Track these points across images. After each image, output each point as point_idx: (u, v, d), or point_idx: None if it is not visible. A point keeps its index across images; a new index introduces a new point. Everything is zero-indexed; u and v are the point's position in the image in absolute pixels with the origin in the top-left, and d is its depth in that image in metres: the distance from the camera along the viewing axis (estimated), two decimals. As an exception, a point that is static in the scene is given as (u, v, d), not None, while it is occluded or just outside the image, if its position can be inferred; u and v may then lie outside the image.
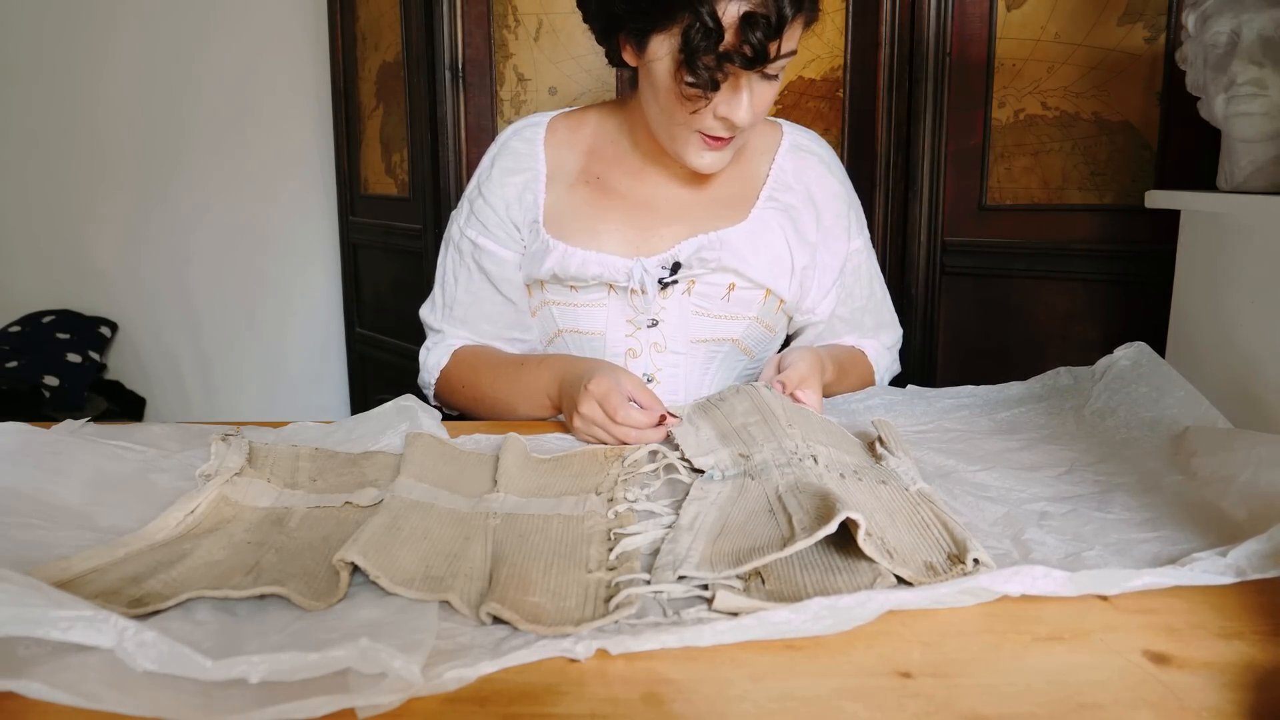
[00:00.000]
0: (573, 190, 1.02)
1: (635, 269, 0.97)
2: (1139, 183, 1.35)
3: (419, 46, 1.80)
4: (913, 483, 0.65)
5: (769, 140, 1.05)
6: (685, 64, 0.84)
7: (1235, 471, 0.66)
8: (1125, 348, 0.90)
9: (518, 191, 1.02)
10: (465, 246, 1.04)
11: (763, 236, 0.99)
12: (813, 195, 1.03)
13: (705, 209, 1.00)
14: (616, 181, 1.02)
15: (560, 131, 1.05)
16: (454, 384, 1.04)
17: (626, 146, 1.03)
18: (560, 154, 1.04)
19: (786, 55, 0.85)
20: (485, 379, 1.01)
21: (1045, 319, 1.46)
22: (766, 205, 1.01)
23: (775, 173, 1.03)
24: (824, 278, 1.03)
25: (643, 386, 0.84)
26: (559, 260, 0.98)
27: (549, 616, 0.49)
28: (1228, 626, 0.49)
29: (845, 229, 1.05)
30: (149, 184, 2.45)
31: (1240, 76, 0.99)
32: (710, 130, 0.90)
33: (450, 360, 1.05)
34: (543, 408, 0.95)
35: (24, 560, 0.54)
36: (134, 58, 2.38)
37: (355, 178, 2.24)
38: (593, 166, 1.03)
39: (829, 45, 1.55)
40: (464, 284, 1.05)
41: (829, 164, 1.06)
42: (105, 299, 2.50)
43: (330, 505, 0.67)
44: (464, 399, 1.04)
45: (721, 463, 0.71)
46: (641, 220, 1.00)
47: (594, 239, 0.98)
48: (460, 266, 1.05)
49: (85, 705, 0.40)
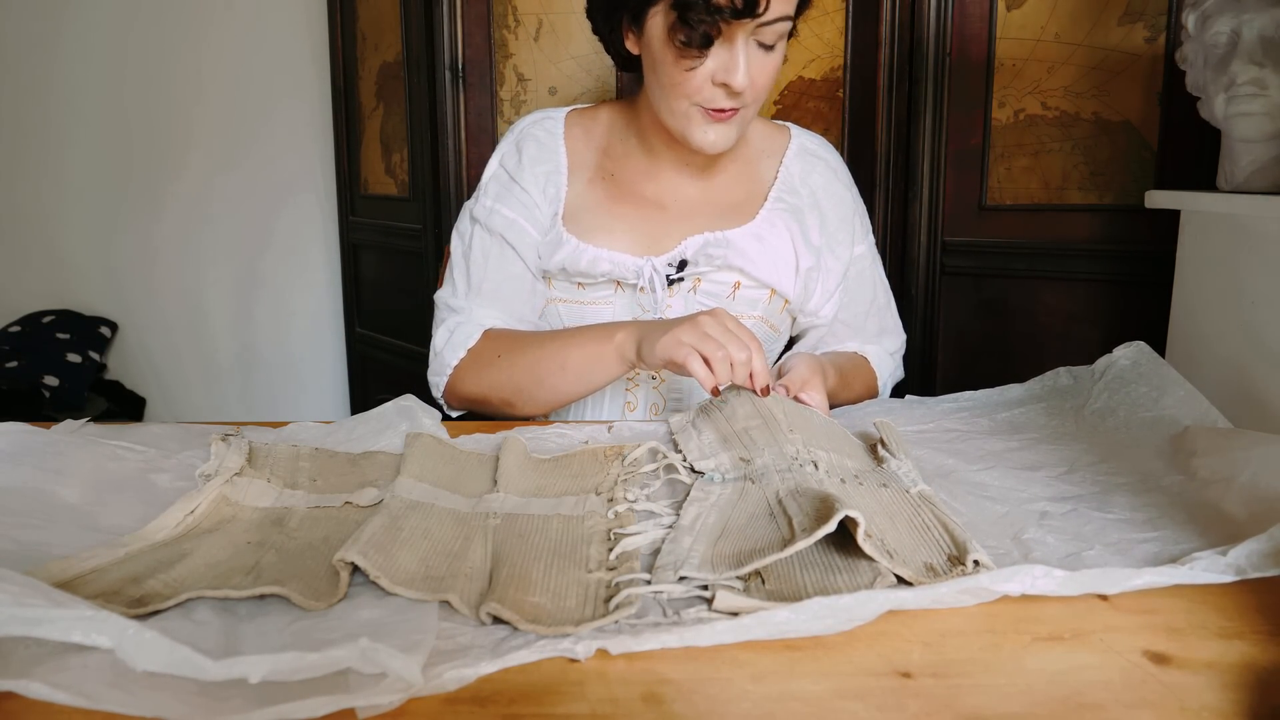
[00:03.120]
0: (590, 186, 1.02)
1: (645, 267, 0.97)
2: (1139, 183, 1.35)
3: (419, 46, 1.80)
4: (914, 485, 0.65)
5: (777, 143, 1.06)
6: (679, 20, 0.84)
7: (1235, 471, 0.66)
8: (1125, 347, 0.90)
9: (543, 181, 1.02)
10: (497, 223, 1.01)
11: (768, 237, 0.99)
12: (818, 199, 1.04)
13: (713, 210, 1.01)
14: (629, 180, 1.03)
15: (576, 127, 1.05)
16: (486, 358, 0.98)
17: (635, 145, 1.03)
18: (578, 148, 1.04)
19: (780, 19, 0.86)
20: (530, 342, 0.96)
21: (1045, 319, 1.46)
22: (773, 207, 1.01)
23: (783, 175, 1.04)
24: (828, 281, 1.03)
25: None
26: (570, 255, 0.98)
27: (549, 616, 0.49)
28: (1228, 626, 0.49)
29: (850, 234, 1.05)
30: (149, 184, 2.45)
31: (1240, 76, 0.99)
32: (710, 102, 0.89)
33: (481, 339, 0.99)
34: (600, 356, 0.91)
35: (24, 560, 0.54)
36: (134, 57, 2.38)
37: (355, 178, 2.24)
38: (606, 164, 1.03)
39: (829, 45, 1.55)
40: (495, 260, 1.01)
41: (836, 169, 1.07)
42: (105, 299, 2.50)
43: (330, 505, 0.67)
44: (496, 373, 0.97)
45: (722, 466, 0.71)
46: (652, 219, 1.00)
47: (607, 236, 0.99)
48: (491, 243, 1.01)
49: (85, 705, 0.40)
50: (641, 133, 1.02)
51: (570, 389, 0.94)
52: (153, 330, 2.53)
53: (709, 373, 0.80)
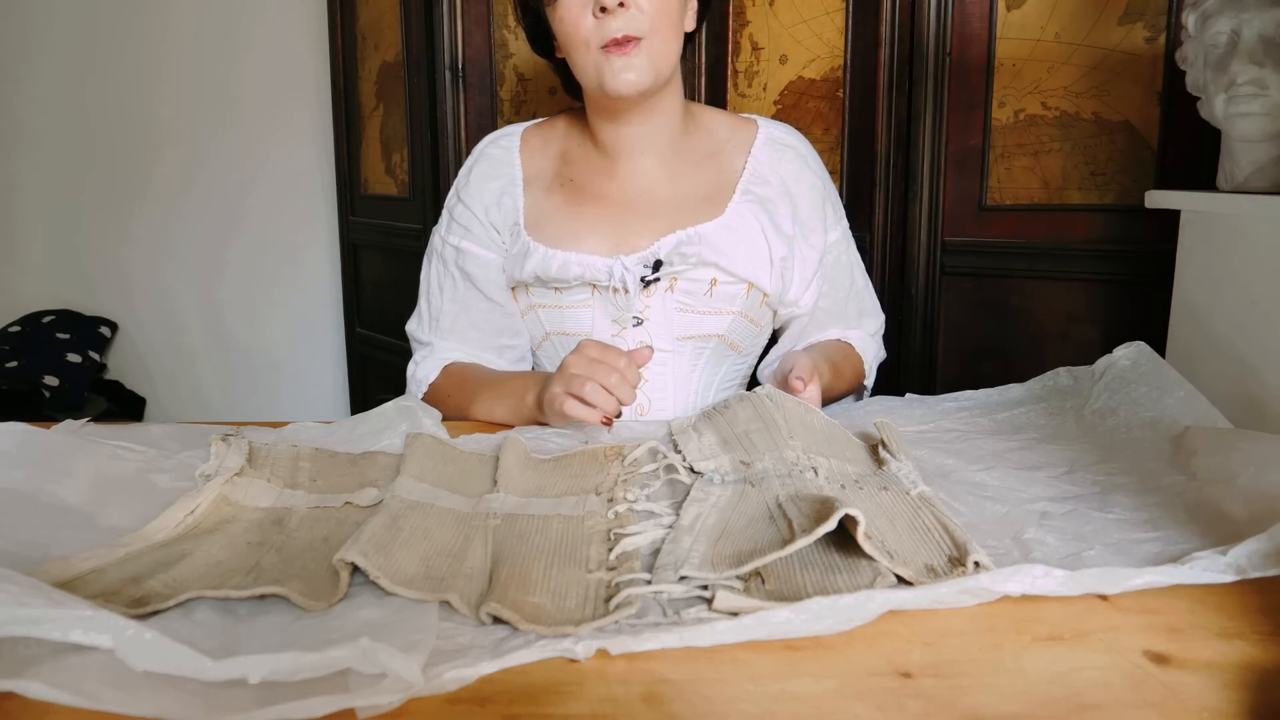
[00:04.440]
0: (549, 195, 1.03)
1: (615, 267, 0.97)
2: (1139, 183, 1.35)
3: (419, 47, 1.80)
4: (914, 486, 0.65)
5: (744, 135, 1.06)
6: None
7: (1236, 471, 0.66)
8: (1125, 348, 0.90)
9: (496, 196, 1.03)
10: (448, 254, 1.05)
11: (740, 230, 0.99)
12: (789, 188, 1.04)
13: (682, 205, 1.01)
14: (590, 183, 1.03)
15: (533, 140, 1.07)
16: (439, 396, 1.04)
17: (591, 147, 1.04)
18: (535, 160, 1.06)
19: None
20: (469, 390, 1.00)
21: (1045, 319, 1.46)
22: (743, 199, 1.01)
23: (751, 166, 1.04)
24: (804, 270, 1.04)
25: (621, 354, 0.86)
26: (540, 262, 0.99)
27: (549, 616, 0.49)
28: (1228, 626, 0.49)
29: (822, 221, 1.06)
30: (149, 184, 2.45)
31: (1240, 76, 0.99)
32: (602, 35, 0.90)
33: (440, 375, 1.04)
34: (519, 412, 0.94)
35: (24, 560, 0.54)
36: (134, 58, 2.38)
37: (355, 178, 2.24)
38: (565, 171, 1.05)
39: (829, 45, 1.55)
40: (449, 293, 1.06)
41: (805, 157, 1.07)
42: (105, 299, 2.50)
43: (330, 505, 0.67)
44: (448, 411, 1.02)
45: (722, 467, 0.71)
46: (619, 219, 1.00)
47: (574, 240, 0.99)
48: (445, 276, 1.06)
49: (85, 705, 0.40)
50: (593, 132, 1.03)
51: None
52: (153, 330, 2.53)
53: (589, 409, 0.83)
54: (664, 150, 1.03)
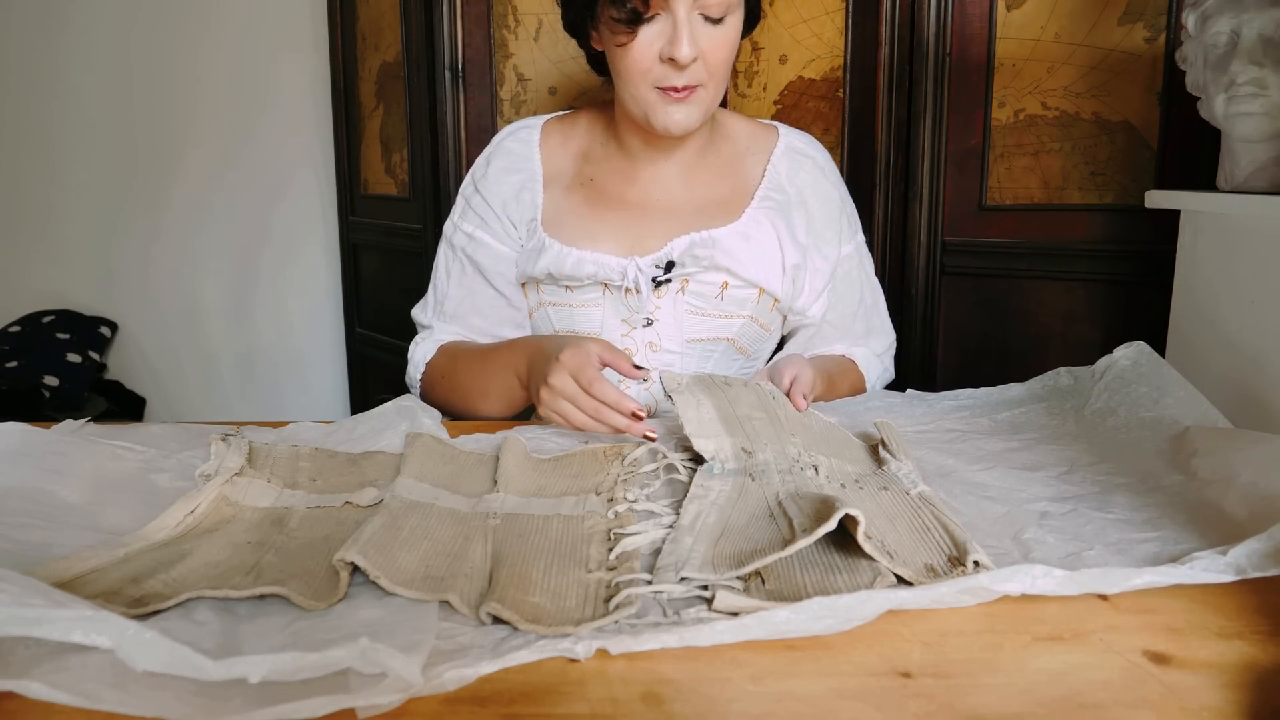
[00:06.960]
0: (569, 193, 1.03)
1: (629, 268, 0.97)
2: (1139, 183, 1.35)
3: (419, 46, 1.80)
4: (914, 486, 0.65)
5: (764, 142, 1.06)
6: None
7: (1236, 471, 0.66)
8: (1125, 348, 0.90)
9: (515, 190, 1.03)
10: (459, 240, 1.06)
11: (755, 236, 0.99)
12: (805, 198, 1.04)
13: (699, 210, 1.01)
14: (610, 183, 1.03)
15: (554, 135, 1.06)
16: (435, 376, 1.05)
17: (614, 149, 1.04)
18: (555, 157, 1.05)
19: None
20: (461, 365, 1.01)
21: (1045, 319, 1.46)
22: (760, 206, 1.01)
23: (769, 174, 1.04)
24: (815, 280, 1.03)
25: (611, 348, 0.85)
26: (554, 259, 0.99)
27: (549, 616, 0.49)
28: (1228, 626, 0.49)
29: (837, 234, 1.05)
30: (149, 184, 2.44)
31: (1240, 76, 0.99)
32: (663, 80, 0.90)
33: (436, 353, 1.06)
34: (511, 388, 0.95)
35: (24, 560, 0.54)
36: (134, 57, 2.38)
37: (355, 178, 2.23)
38: (586, 170, 1.04)
39: (829, 45, 1.55)
40: (456, 278, 1.06)
41: (824, 168, 1.06)
42: (105, 299, 2.50)
43: (330, 505, 0.67)
44: (442, 390, 1.04)
45: (723, 452, 0.71)
46: (636, 221, 1.00)
47: (590, 240, 0.99)
48: (453, 262, 1.07)
49: (85, 705, 0.40)
50: (618, 135, 1.03)
51: (499, 412, 0.99)
52: (153, 330, 2.53)
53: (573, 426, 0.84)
54: (688, 157, 1.03)
